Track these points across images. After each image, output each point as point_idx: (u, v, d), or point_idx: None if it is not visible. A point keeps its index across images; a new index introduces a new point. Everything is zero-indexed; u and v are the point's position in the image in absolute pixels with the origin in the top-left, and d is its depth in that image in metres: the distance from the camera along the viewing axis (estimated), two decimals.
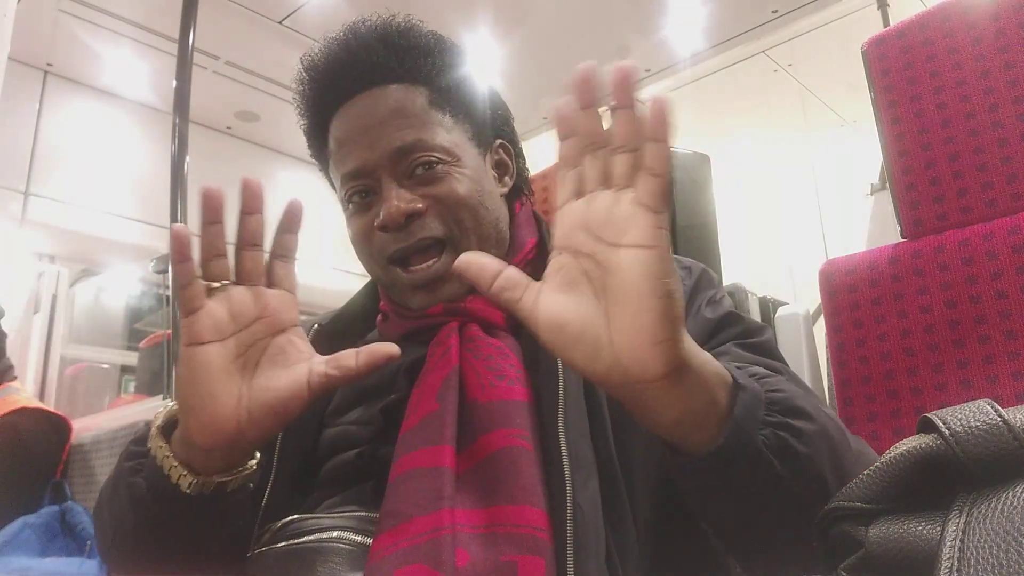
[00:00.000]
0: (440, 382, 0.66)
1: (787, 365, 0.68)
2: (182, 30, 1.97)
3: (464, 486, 0.60)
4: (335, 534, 0.63)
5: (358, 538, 0.62)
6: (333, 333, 0.82)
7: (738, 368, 0.53)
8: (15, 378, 2.02)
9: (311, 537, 0.63)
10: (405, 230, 0.71)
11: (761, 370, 0.56)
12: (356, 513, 0.65)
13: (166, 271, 1.80)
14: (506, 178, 0.81)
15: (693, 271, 0.76)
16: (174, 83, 1.92)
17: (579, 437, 0.63)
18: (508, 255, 0.76)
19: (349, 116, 0.76)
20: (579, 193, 0.49)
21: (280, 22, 3.16)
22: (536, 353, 0.68)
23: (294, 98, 0.81)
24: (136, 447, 0.63)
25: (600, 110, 0.49)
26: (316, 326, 0.82)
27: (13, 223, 3.20)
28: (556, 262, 0.49)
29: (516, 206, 0.82)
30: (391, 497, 0.60)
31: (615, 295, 0.45)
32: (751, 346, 0.67)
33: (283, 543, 0.65)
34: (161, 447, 0.59)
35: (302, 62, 0.79)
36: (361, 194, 0.75)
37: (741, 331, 0.69)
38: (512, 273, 0.49)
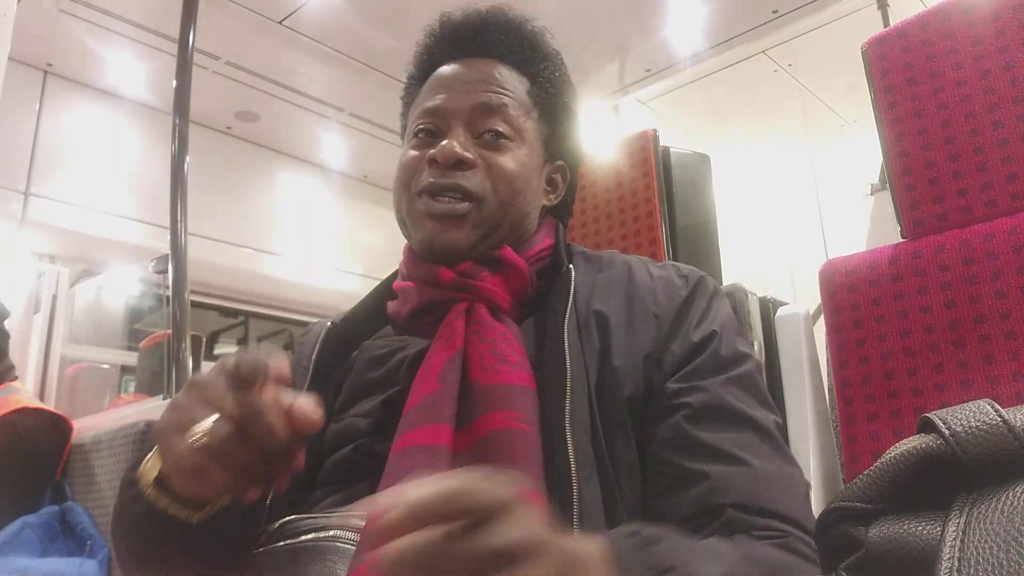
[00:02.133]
0: (443, 364, 0.67)
1: (762, 404, 0.68)
2: (182, 30, 1.97)
3: (460, 465, 0.61)
4: (332, 533, 0.63)
5: (356, 536, 0.62)
6: (345, 332, 0.84)
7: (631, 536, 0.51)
8: (16, 378, 2.02)
9: (308, 537, 0.64)
10: (449, 172, 0.75)
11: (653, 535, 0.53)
12: (356, 513, 0.65)
13: (166, 271, 1.79)
14: (551, 195, 0.85)
15: (690, 280, 0.76)
16: (174, 83, 1.92)
17: (583, 435, 0.64)
18: (522, 249, 0.79)
19: (456, 67, 0.82)
20: None
21: (280, 22, 3.16)
22: (543, 344, 0.70)
23: (417, 42, 0.88)
24: (132, 474, 0.64)
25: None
26: (329, 324, 0.83)
27: (13, 223, 3.20)
28: None
29: (550, 219, 0.85)
30: (389, 473, 0.61)
31: None
32: (731, 381, 0.68)
33: (280, 543, 0.65)
34: (148, 483, 0.59)
35: (440, 16, 0.85)
36: (428, 132, 0.79)
37: (719, 361, 0.69)
38: None
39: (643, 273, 0.77)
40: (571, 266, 0.76)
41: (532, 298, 0.77)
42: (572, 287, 0.73)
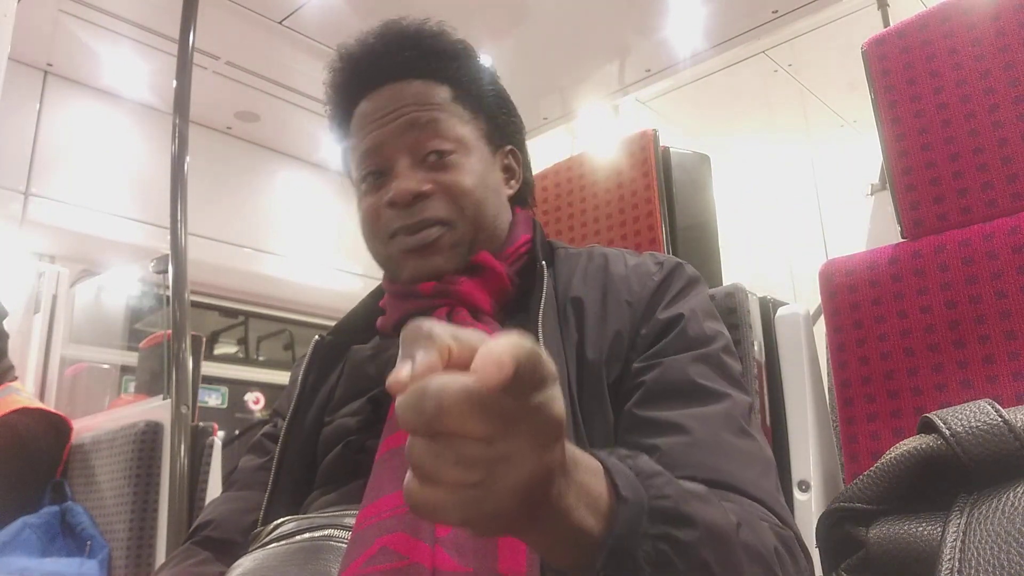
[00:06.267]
0: None
1: (728, 382, 0.67)
2: (182, 30, 1.96)
3: None
4: (327, 532, 0.64)
5: (349, 535, 0.63)
6: (335, 344, 0.85)
7: (627, 458, 0.47)
8: (16, 378, 2.02)
9: (303, 536, 0.65)
10: (411, 209, 0.75)
11: (650, 466, 0.48)
12: (348, 511, 0.66)
13: (166, 271, 1.79)
14: (512, 181, 0.86)
15: (665, 266, 0.77)
16: (174, 83, 1.92)
17: None
18: (503, 247, 0.80)
19: (373, 101, 0.81)
20: None
21: (280, 22, 3.15)
22: None
23: (323, 83, 0.87)
24: None
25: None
26: (317, 337, 0.84)
27: (13, 223, 3.20)
28: None
29: (516, 209, 0.86)
30: (376, 474, 0.62)
31: None
32: (695, 358, 0.68)
33: (275, 543, 0.66)
34: None
35: (337, 50, 0.85)
36: (375, 174, 0.79)
37: (684, 341, 0.69)
38: None
39: (619, 263, 0.77)
40: (544, 263, 0.76)
41: (514, 297, 0.78)
42: (546, 282, 0.74)
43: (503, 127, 0.86)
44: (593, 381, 0.69)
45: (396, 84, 0.80)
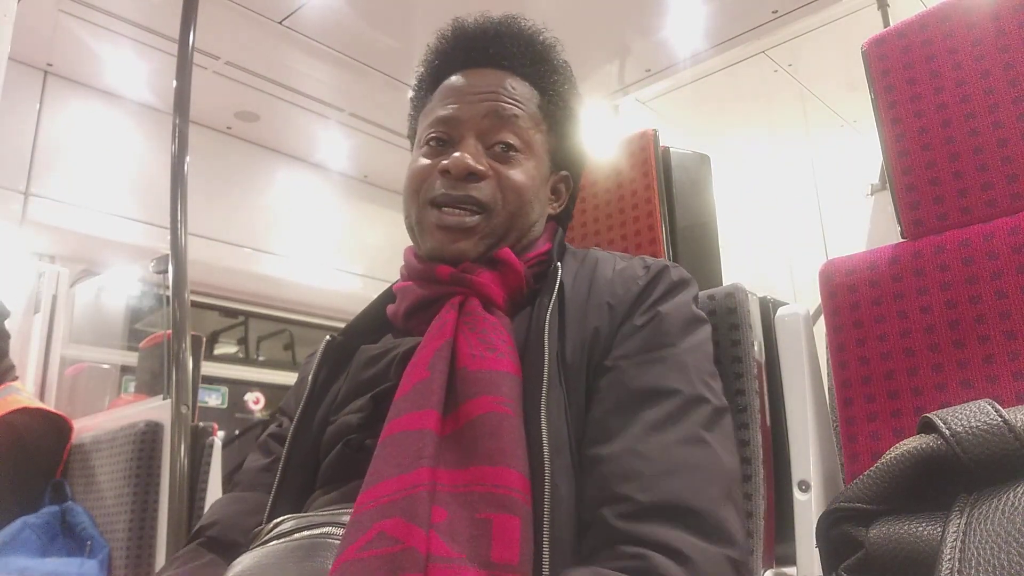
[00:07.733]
0: (433, 353, 0.69)
1: (689, 382, 0.67)
2: (182, 30, 1.96)
3: (448, 448, 0.63)
4: (325, 530, 0.64)
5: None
6: (345, 345, 0.85)
7: None
8: (16, 378, 2.03)
9: (301, 534, 0.65)
10: (461, 182, 0.77)
11: None
12: (346, 510, 0.66)
13: (166, 271, 1.79)
14: (555, 204, 0.89)
15: (651, 270, 0.77)
16: (174, 83, 1.92)
17: (558, 418, 0.66)
18: (524, 251, 0.82)
19: (466, 77, 0.84)
20: None
21: (280, 22, 3.15)
22: (528, 335, 0.72)
23: (428, 44, 0.90)
24: None
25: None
26: (328, 338, 0.85)
27: (13, 223, 3.20)
28: None
29: (551, 225, 0.88)
30: (376, 459, 0.63)
31: None
32: (655, 360, 0.68)
33: (274, 541, 0.66)
34: None
35: (452, 22, 0.88)
36: (439, 141, 0.81)
37: (652, 341, 0.70)
38: None
39: (607, 267, 0.79)
40: (559, 264, 0.78)
41: (527, 296, 0.79)
42: (558, 281, 0.75)
43: (569, 153, 0.89)
44: (573, 381, 0.70)
45: (494, 71, 0.84)
